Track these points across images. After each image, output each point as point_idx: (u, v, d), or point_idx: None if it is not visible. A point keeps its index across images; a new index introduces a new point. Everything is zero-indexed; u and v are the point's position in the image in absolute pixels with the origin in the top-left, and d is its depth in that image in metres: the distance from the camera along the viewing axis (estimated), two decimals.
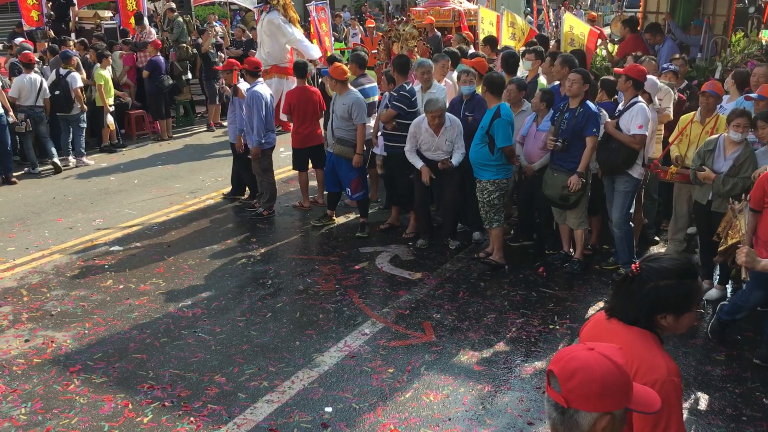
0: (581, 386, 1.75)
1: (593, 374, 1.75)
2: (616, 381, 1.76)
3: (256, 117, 8.06)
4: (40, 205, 9.12)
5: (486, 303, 6.17)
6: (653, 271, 2.31)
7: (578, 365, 1.77)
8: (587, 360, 1.78)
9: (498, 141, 6.43)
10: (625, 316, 2.36)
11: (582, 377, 1.75)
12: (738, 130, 5.66)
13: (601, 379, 1.75)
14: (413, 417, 4.53)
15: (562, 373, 1.78)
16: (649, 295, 2.30)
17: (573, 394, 1.76)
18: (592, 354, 1.79)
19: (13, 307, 6.23)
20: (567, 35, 8.71)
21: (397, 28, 9.61)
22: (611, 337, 2.37)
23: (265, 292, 6.46)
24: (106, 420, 4.53)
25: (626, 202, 6.31)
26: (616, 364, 1.78)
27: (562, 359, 1.81)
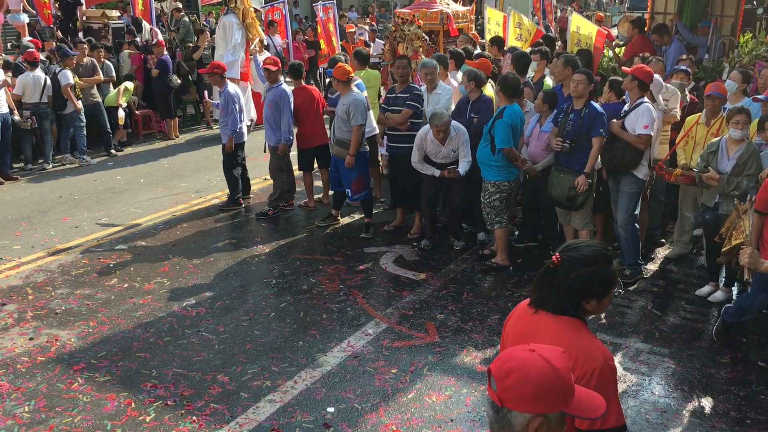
0: (515, 386, 1.75)
1: (528, 375, 1.75)
2: (551, 384, 1.75)
3: (286, 115, 8.13)
4: (47, 204, 9.15)
5: (490, 304, 6.15)
6: (574, 260, 2.38)
7: (514, 365, 1.77)
8: (524, 361, 1.77)
9: (496, 142, 6.43)
10: (554, 307, 2.40)
11: (516, 377, 1.75)
12: (738, 126, 5.66)
13: (535, 381, 1.74)
14: (415, 418, 4.52)
15: (498, 372, 1.78)
16: (574, 282, 2.36)
17: (507, 394, 1.76)
18: (531, 355, 1.79)
19: (18, 305, 6.25)
20: (573, 36, 8.69)
21: (402, 28, 9.60)
22: (540, 328, 2.41)
23: (269, 292, 6.47)
24: (108, 418, 4.54)
25: (631, 203, 6.28)
26: (554, 368, 1.76)
27: (501, 359, 1.82)
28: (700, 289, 6.28)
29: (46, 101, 10.55)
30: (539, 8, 19.45)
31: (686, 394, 4.79)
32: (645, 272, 6.69)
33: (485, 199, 6.68)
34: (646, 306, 6.08)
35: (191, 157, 11.63)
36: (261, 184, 9.98)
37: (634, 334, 5.59)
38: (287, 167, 8.54)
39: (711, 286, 6.23)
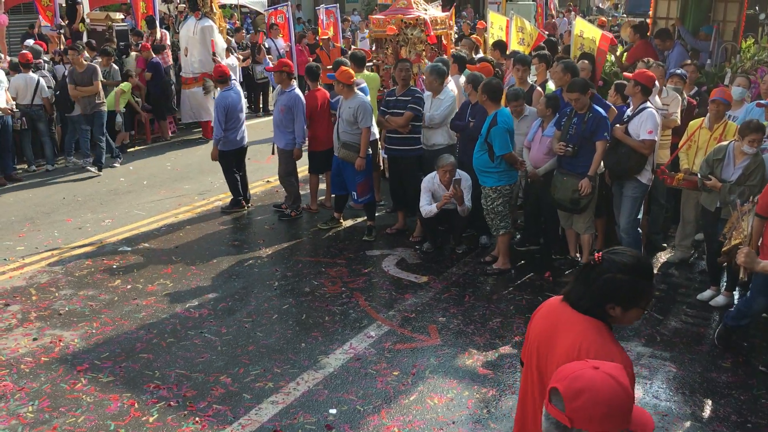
0: (587, 407, 1.73)
1: (599, 396, 1.73)
2: (621, 404, 1.75)
3: (299, 119, 8.16)
4: (50, 205, 9.19)
5: (492, 307, 6.17)
6: (613, 263, 2.38)
7: (584, 385, 1.75)
8: (593, 380, 1.76)
9: (496, 149, 6.44)
10: (579, 304, 2.42)
11: (588, 398, 1.74)
12: (753, 145, 5.61)
13: (607, 402, 1.73)
14: (417, 420, 4.54)
15: (567, 392, 1.76)
16: (605, 284, 2.37)
17: (577, 414, 1.74)
18: (599, 375, 1.77)
19: (22, 305, 6.28)
20: (577, 40, 8.71)
21: (405, 32, 9.64)
22: (566, 326, 2.42)
23: (271, 294, 6.49)
24: (112, 419, 4.56)
25: (634, 208, 6.30)
26: (623, 386, 1.76)
27: (567, 378, 1.79)
28: (702, 294, 6.29)
29: (39, 103, 10.58)
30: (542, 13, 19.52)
31: (687, 398, 4.81)
32: None
33: (488, 206, 6.69)
34: (648, 310, 6.10)
35: (194, 159, 11.67)
36: (263, 187, 10.02)
37: (636, 337, 5.60)
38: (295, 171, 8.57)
39: (712, 290, 6.25)
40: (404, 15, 10.31)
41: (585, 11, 31.20)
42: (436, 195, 7.12)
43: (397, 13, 10.53)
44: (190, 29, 12.54)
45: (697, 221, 6.82)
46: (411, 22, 9.61)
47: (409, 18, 10.26)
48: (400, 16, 10.37)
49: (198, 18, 12.47)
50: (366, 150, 7.56)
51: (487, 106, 6.56)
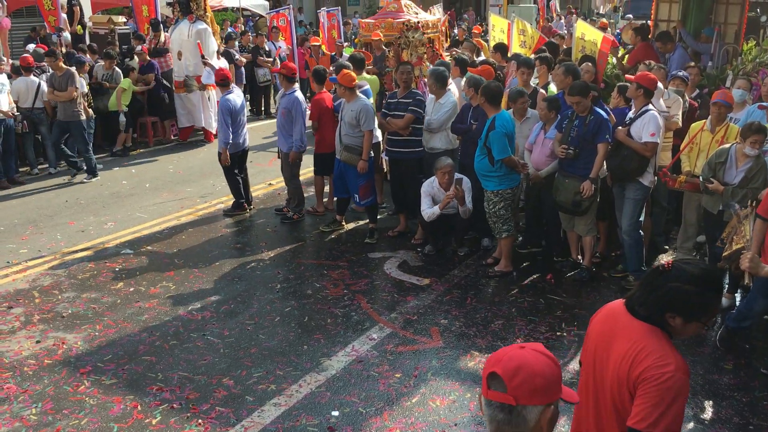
0: (527, 381, 1.81)
1: (535, 368, 1.82)
2: (553, 373, 1.85)
3: (299, 122, 8.17)
4: (53, 208, 9.21)
5: (493, 309, 6.18)
6: (682, 272, 2.38)
7: (519, 363, 1.83)
8: (525, 357, 1.85)
9: (494, 153, 6.45)
10: (638, 310, 2.43)
11: (526, 372, 1.81)
12: (755, 146, 5.63)
13: (543, 373, 1.82)
14: (420, 422, 4.55)
15: (506, 372, 1.83)
16: (669, 292, 2.37)
17: (519, 391, 1.81)
18: (527, 351, 1.87)
19: (25, 308, 6.30)
20: (578, 42, 8.72)
21: (407, 35, 9.66)
22: (623, 330, 2.44)
23: (273, 296, 6.50)
24: (115, 421, 4.58)
25: (636, 210, 6.31)
26: (551, 357, 1.87)
27: (501, 360, 1.86)
28: None
29: (41, 106, 10.61)
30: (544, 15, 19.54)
31: (689, 400, 4.79)
32: None
33: (490, 209, 6.70)
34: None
35: (196, 162, 11.69)
36: (265, 190, 10.04)
37: None
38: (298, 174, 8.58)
39: None
40: (394, 19, 10.15)
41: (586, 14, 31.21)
42: (436, 198, 7.13)
43: (387, 16, 10.37)
44: (184, 32, 12.52)
45: (698, 223, 6.83)
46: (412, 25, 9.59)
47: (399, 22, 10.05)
48: (390, 20, 10.21)
49: (192, 21, 12.49)
50: (368, 153, 7.58)
51: (486, 109, 6.57)
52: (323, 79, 8.46)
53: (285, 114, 8.19)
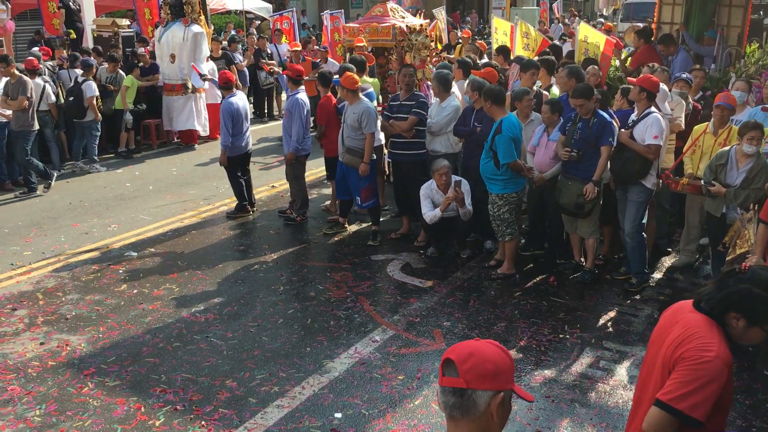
0: (476, 366, 1.90)
1: (486, 355, 1.92)
2: (504, 362, 1.93)
3: (297, 123, 8.18)
4: (57, 210, 9.24)
5: (496, 311, 6.19)
6: (757, 276, 2.45)
7: (471, 350, 1.94)
8: (478, 345, 1.96)
9: (500, 157, 6.46)
10: (702, 304, 2.52)
11: (477, 357, 1.91)
12: (752, 143, 5.66)
13: (492, 359, 1.92)
14: (422, 424, 4.55)
15: (459, 357, 1.93)
16: (738, 292, 2.44)
17: (470, 375, 1.91)
18: (481, 342, 1.99)
19: (29, 310, 6.32)
20: (581, 45, 8.74)
21: (410, 37, 9.67)
22: (683, 320, 2.53)
23: (276, 298, 6.52)
24: (119, 423, 4.59)
25: (639, 212, 6.31)
26: (503, 350, 1.97)
27: (456, 348, 1.98)
28: None
29: (45, 109, 10.65)
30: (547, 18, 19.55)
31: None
32: (651, 281, 6.71)
33: (494, 212, 6.69)
34: (653, 314, 6.10)
35: (200, 164, 11.71)
36: (268, 192, 10.05)
37: (641, 342, 5.61)
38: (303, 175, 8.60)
39: None
40: (379, 23, 9.91)
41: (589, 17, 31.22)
42: (436, 201, 7.13)
43: (372, 21, 10.14)
44: (178, 35, 12.52)
45: (701, 226, 6.83)
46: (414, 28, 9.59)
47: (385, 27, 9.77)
48: (375, 24, 9.97)
49: (187, 24, 12.51)
50: (370, 155, 7.59)
51: (493, 112, 6.57)
52: (329, 82, 8.46)
53: (287, 115, 8.23)
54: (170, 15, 12.70)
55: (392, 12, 10.12)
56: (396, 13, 10.32)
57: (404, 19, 10.47)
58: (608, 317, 6.08)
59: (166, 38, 12.70)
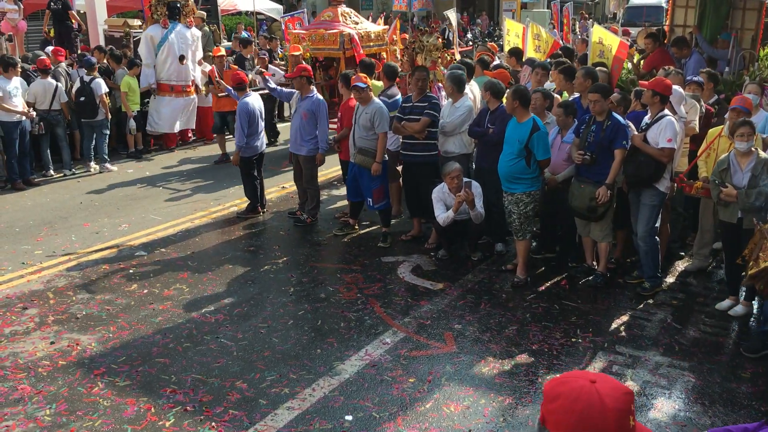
0: (558, 411, 1.71)
1: (574, 406, 1.69)
2: (594, 423, 1.67)
3: (322, 124, 8.18)
4: (67, 210, 9.26)
5: (508, 315, 6.14)
6: None
7: (564, 391, 1.73)
8: (576, 389, 1.71)
9: (539, 154, 6.40)
10: None
11: (562, 404, 1.71)
12: (743, 139, 5.71)
13: (579, 413, 1.68)
14: (433, 427, 4.52)
15: (548, 393, 1.76)
16: None
17: (550, 416, 1.74)
18: (588, 386, 1.71)
19: (40, 309, 6.32)
20: (595, 46, 8.68)
21: (421, 39, 9.64)
22: None
23: (286, 300, 6.50)
24: (129, 423, 4.58)
25: (652, 216, 6.26)
26: (605, 407, 1.67)
27: (557, 380, 1.78)
28: (720, 303, 6.23)
29: (57, 108, 10.70)
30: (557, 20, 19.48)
31: (706, 408, 4.75)
32: (664, 285, 6.65)
33: (520, 210, 6.58)
34: (666, 319, 6.05)
35: (210, 164, 11.71)
36: (278, 193, 10.05)
37: (654, 347, 5.56)
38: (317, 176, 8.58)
39: (731, 300, 6.19)
40: (327, 30, 9.32)
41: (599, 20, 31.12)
42: (448, 204, 7.10)
43: (320, 27, 9.56)
44: (185, 36, 12.49)
45: (715, 230, 6.76)
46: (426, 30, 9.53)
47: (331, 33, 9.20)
48: (322, 31, 9.43)
49: (190, 26, 12.52)
50: (383, 155, 7.56)
51: (519, 112, 6.51)
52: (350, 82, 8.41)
53: (307, 117, 8.18)
54: (166, 17, 12.61)
55: (344, 17, 9.48)
56: (348, 18, 9.69)
57: (357, 26, 9.80)
58: (621, 321, 6.03)
59: (174, 39, 12.64)
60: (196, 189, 10.24)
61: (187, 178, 10.87)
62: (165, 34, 12.49)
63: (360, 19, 10.14)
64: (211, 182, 10.57)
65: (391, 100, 7.97)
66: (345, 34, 9.30)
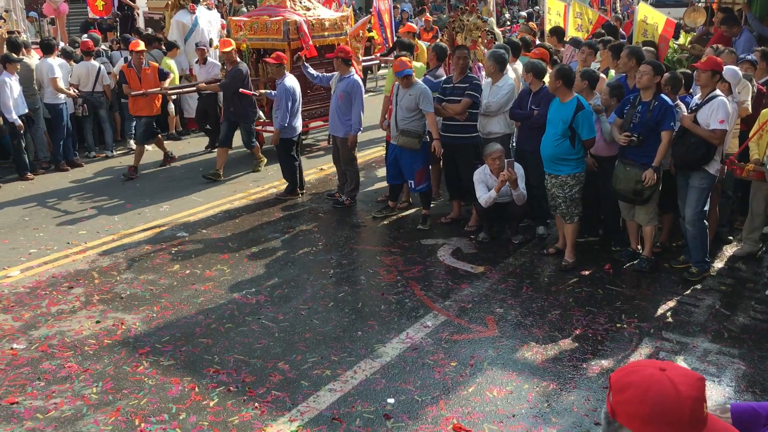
0: (629, 403, 1.62)
1: (646, 395, 1.60)
2: (670, 410, 1.58)
3: (357, 105, 8.14)
4: (110, 191, 9.38)
5: (550, 299, 6.05)
6: None
7: (634, 380, 1.63)
8: (647, 378, 1.62)
9: (584, 133, 6.27)
10: None
11: (633, 394, 1.62)
12: None
13: (652, 403, 1.59)
14: (476, 412, 4.48)
15: (616, 384, 1.66)
16: None
17: (620, 408, 1.64)
18: (658, 374, 1.62)
19: (85, 288, 6.42)
20: (640, 25, 8.46)
21: (461, 18, 9.49)
22: None
23: (327, 282, 6.49)
24: (173, 402, 4.63)
25: (701, 199, 6.09)
26: (680, 394, 1.58)
27: (625, 369, 1.69)
28: None
29: (100, 90, 10.82)
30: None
31: (758, 396, 4.62)
32: (712, 270, 6.49)
33: (566, 194, 6.49)
34: (714, 305, 5.90)
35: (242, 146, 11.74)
36: (317, 175, 10.04)
37: (702, 333, 5.43)
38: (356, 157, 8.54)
39: None
40: (271, 16, 8.56)
41: None
42: (489, 186, 7.01)
43: (264, 13, 8.84)
44: (210, 20, 12.41)
45: (766, 214, 6.56)
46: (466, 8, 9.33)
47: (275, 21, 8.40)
48: (266, 17, 8.68)
49: (211, 8, 12.44)
50: (437, 132, 7.46)
51: (562, 92, 6.38)
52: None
53: (343, 98, 8.14)
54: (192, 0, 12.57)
55: (292, 2, 8.63)
56: (298, 3, 8.82)
57: (308, 12, 8.92)
58: (667, 307, 5.90)
59: (205, 23, 12.61)
60: (235, 170, 10.28)
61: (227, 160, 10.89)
62: (195, 21, 12.52)
63: (313, 5, 9.30)
64: (250, 164, 10.58)
65: (436, 80, 7.86)
66: (290, 21, 8.46)
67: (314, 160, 10.68)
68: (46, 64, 10.04)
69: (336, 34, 9.29)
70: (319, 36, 9.60)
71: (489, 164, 6.98)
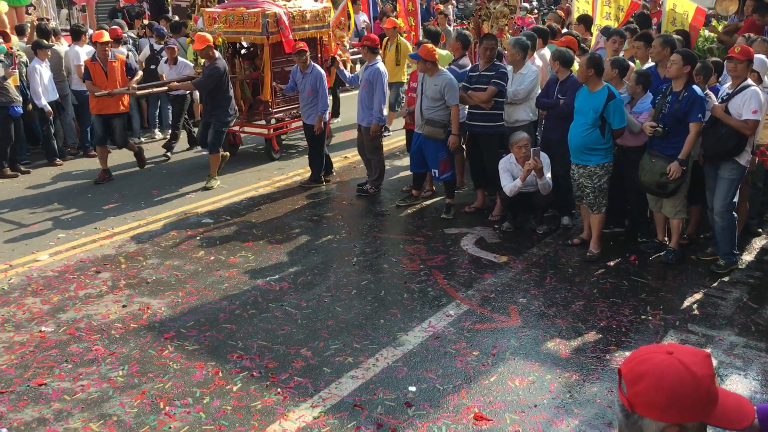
0: (645, 392, 1.60)
1: (661, 382, 1.58)
2: (688, 393, 1.57)
3: (379, 94, 8.12)
4: (136, 178, 9.48)
5: (574, 290, 6.01)
6: None
7: (647, 369, 1.61)
8: (659, 365, 1.60)
9: (615, 123, 6.21)
10: None
11: (648, 383, 1.59)
12: None
13: (669, 389, 1.57)
14: (498, 401, 4.47)
15: (629, 375, 1.64)
16: None
17: (637, 399, 1.61)
18: (668, 359, 1.61)
19: (112, 273, 6.51)
20: (669, 14, 8.32)
21: (488, 6, 9.42)
22: None
23: (350, 269, 6.51)
24: (197, 386, 4.68)
25: (731, 191, 5.99)
26: (694, 375, 1.58)
27: (633, 360, 1.66)
28: None
29: None
30: None
31: None
32: (740, 263, 6.39)
33: (594, 184, 6.43)
34: (741, 298, 5.81)
35: None
36: (341, 163, 10.05)
37: (729, 326, 5.35)
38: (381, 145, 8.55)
39: None
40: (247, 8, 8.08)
41: None
42: (515, 174, 6.97)
43: (240, 4, 8.38)
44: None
45: None
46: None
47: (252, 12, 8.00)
48: (241, 9, 8.21)
49: None
50: (458, 126, 7.43)
51: (592, 81, 6.31)
52: None
53: (367, 86, 8.13)
54: None
55: None
56: None
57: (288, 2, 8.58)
58: (693, 299, 5.82)
59: None
60: (259, 158, 10.33)
61: (250, 147, 10.97)
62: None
63: None
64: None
65: (461, 71, 7.82)
66: (269, 13, 8.01)
67: (338, 148, 10.68)
68: (73, 51, 10.15)
69: (318, 26, 8.85)
70: (299, 29, 9.09)
71: (515, 152, 6.93)
